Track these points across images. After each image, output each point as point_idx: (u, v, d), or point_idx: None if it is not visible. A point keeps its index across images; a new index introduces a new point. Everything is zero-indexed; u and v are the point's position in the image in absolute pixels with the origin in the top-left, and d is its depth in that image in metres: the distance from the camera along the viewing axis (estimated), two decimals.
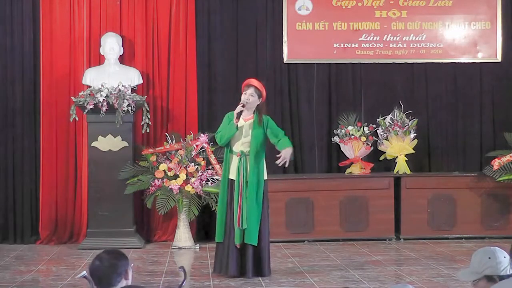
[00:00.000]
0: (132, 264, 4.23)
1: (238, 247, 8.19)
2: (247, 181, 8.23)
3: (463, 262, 8.86)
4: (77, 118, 10.39)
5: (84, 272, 4.43)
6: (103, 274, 4.07)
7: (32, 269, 8.94)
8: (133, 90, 10.50)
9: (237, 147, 8.32)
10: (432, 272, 8.49)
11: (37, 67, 10.87)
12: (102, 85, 10.21)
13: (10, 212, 10.82)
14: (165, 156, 10.41)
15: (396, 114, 11.06)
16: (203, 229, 10.86)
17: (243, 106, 8.26)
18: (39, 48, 10.86)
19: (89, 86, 10.44)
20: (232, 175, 8.29)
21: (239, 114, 8.24)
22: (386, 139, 11.01)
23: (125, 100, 10.14)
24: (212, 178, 10.22)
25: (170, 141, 10.52)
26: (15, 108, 10.84)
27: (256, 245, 8.17)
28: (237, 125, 8.24)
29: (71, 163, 10.84)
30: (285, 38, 11.28)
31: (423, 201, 10.76)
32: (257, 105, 8.36)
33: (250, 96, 8.30)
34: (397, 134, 10.92)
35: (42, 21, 10.86)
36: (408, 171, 10.91)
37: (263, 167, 8.39)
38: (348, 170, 11.05)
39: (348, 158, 11.04)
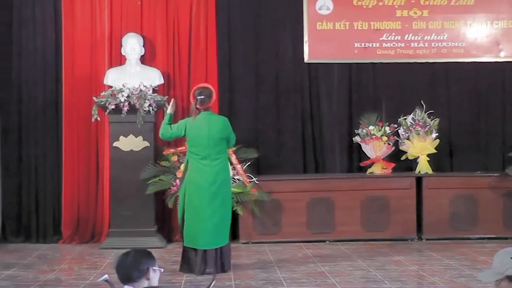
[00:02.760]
0: (160, 269, 4.26)
1: None
2: None
3: (485, 263, 8.81)
4: (99, 118, 10.43)
5: (106, 275, 4.45)
6: (125, 267, 4.16)
7: (55, 268, 8.98)
8: (154, 90, 10.52)
9: None
10: (454, 272, 8.46)
11: (59, 67, 10.94)
12: (123, 85, 10.24)
13: (33, 212, 10.90)
14: None
15: (418, 113, 11.02)
16: None
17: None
18: (61, 49, 10.92)
19: (111, 87, 10.49)
20: None
21: None
22: (407, 139, 10.98)
23: (146, 100, 10.17)
24: (233, 178, 10.22)
25: None
26: (37, 108, 10.91)
27: None
28: None
29: (93, 163, 10.90)
30: (305, 38, 11.27)
31: (445, 201, 10.71)
32: None
33: None
34: (419, 134, 10.88)
35: (64, 22, 10.92)
36: (430, 171, 10.87)
37: (185, 169, 8.66)
38: (369, 170, 11.03)
39: (370, 158, 11.02)
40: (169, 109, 8.82)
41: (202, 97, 8.48)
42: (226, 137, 8.55)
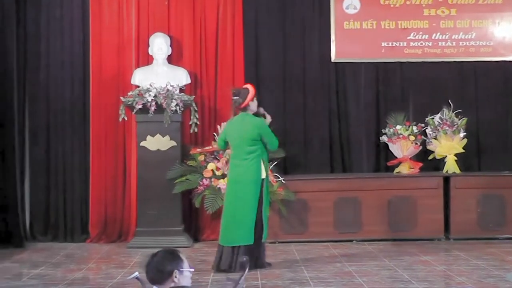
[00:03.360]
0: (190, 269, 4.25)
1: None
2: None
3: None
4: (126, 118, 10.47)
5: (136, 273, 4.48)
6: (150, 269, 4.20)
7: (82, 267, 9.03)
8: (181, 90, 10.55)
9: None
10: (482, 272, 8.39)
11: (87, 67, 11.00)
12: (150, 85, 10.27)
13: (61, 211, 10.97)
14: (213, 156, 10.45)
15: (445, 113, 10.97)
16: None
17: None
18: (89, 49, 10.99)
19: (138, 86, 10.53)
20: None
21: None
22: (435, 138, 10.92)
23: (173, 100, 10.20)
24: None
25: None
26: (65, 108, 10.98)
27: None
28: None
29: (120, 163, 10.95)
30: (332, 37, 11.25)
31: (472, 201, 10.65)
32: None
33: None
34: (446, 133, 10.83)
35: (91, 22, 10.99)
36: (457, 171, 10.80)
37: None
38: (396, 170, 10.99)
39: (397, 158, 10.98)
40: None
41: (235, 98, 8.66)
42: (261, 139, 8.59)
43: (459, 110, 11.03)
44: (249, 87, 8.76)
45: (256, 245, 8.56)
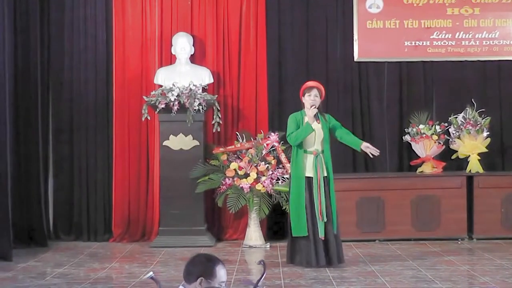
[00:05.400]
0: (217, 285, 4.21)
1: (322, 239, 8.57)
2: (324, 177, 8.67)
3: None
4: (149, 117, 10.51)
5: (151, 273, 4.48)
6: (185, 265, 4.24)
7: (106, 266, 9.06)
8: (204, 89, 10.57)
9: (312, 146, 8.71)
10: (506, 272, 8.35)
11: (110, 67, 11.04)
12: (173, 85, 10.30)
13: (84, 210, 11.02)
14: (235, 155, 10.46)
15: (469, 112, 10.92)
16: (274, 228, 10.89)
17: (315, 108, 8.72)
18: (112, 49, 11.02)
19: (161, 86, 10.55)
20: (309, 173, 8.64)
21: (316, 116, 8.70)
22: (458, 138, 10.88)
23: (196, 99, 10.21)
24: (283, 177, 10.22)
25: (240, 140, 10.57)
26: (88, 107, 11.02)
27: (336, 233, 8.69)
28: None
29: (143, 162, 10.98)
30: (355, 37, 11.24)
31: (496, 201, 10.59)
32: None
33: (315, 97, 8.75)
34: (470, 132, 10.78)
35: (114, 22, 11.03)
36: (481, 170, 10.76)
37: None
38: (419, 169, 10.95)
39: (420, 157, 10.95)
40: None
41: None
42: None
43: (483, 110, 10.98)
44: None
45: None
